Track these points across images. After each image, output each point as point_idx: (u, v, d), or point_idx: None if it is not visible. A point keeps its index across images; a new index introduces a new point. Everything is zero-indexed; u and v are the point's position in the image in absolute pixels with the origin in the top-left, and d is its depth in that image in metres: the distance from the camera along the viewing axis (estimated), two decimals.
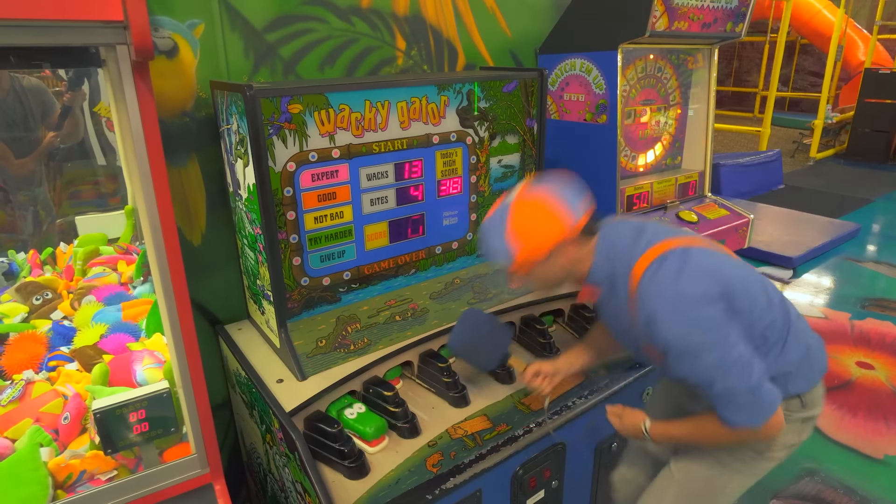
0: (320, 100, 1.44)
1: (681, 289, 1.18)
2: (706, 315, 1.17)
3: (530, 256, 1.25)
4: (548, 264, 1.27)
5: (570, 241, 1.26)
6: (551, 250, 1.25)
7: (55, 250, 1.86)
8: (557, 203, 1.25)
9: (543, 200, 1.26)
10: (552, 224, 1.24)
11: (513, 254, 1.25)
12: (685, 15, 2.11)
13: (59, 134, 1.95)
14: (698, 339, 1.17)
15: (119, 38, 0.87)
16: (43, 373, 1.38)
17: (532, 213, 1.25)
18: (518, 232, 1.25)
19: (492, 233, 1.29)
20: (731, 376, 1.17)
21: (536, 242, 1.24)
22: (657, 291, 1.19)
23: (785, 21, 6.96)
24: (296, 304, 1.56)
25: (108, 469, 1.16)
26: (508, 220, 1.26)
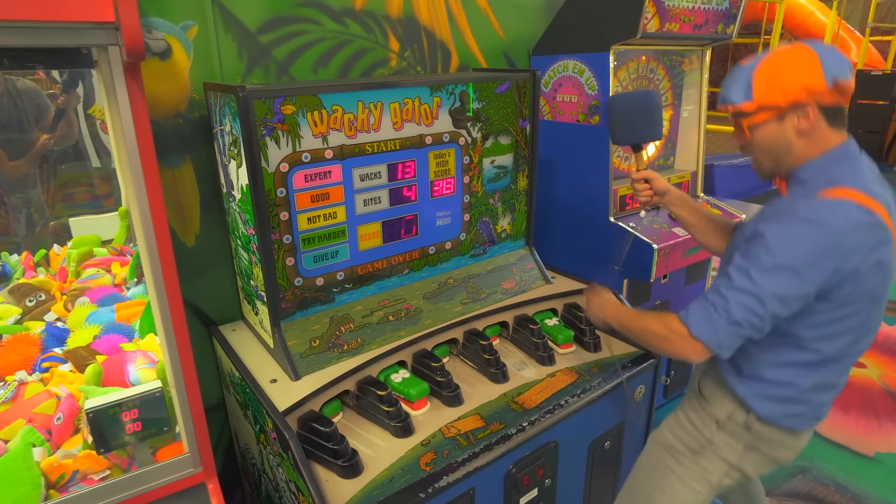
0: (313, 101, 1.45)
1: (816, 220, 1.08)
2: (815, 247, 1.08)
3: (770, 99, 1.14)
4: (783, 125, 1.15)
5: (815, 108, 1.12)
6: (794, 103, 1.12)
7: (49, 252, 1.86)
8: (824, 57, 1.11)
9: (808, 49, 1.13)
10: (809, 72, 1.11)
11: (751, 93, 1.15)
12: (676, 16, 2.13)
13: (54, 136, 1.95)
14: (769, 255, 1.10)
15: (110, 39, 0.87)
16: (36, 374, 1.38)
17: (793, 55, 1.13)
18: (770, 70, 1.14)
19: (740, 69, 1.20)
20: (740, 296, 1.13)
21: (783, 86, 1.12)
22: (814, 208, 1.10)
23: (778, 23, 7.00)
24: (289, 304, 1.56)
25: (100, 469, 1.16)
26: (767, 56, 1.16)
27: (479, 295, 1.88)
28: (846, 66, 1.12)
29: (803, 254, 1.10)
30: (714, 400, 1.38)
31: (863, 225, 1.10)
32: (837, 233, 1.09)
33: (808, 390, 1.25)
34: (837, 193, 1.12)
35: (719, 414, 1.36)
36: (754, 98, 1.15)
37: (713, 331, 1.18)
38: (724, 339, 1.17)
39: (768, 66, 1.15)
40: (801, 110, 1.13)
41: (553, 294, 1.97)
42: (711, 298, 1.19)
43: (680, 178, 2.63)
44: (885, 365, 3.29)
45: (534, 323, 1.84)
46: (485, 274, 1.94)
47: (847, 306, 1.16)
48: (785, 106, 1.14)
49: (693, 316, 1.21)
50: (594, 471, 1.79)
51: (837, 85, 1.12)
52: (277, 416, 1.34)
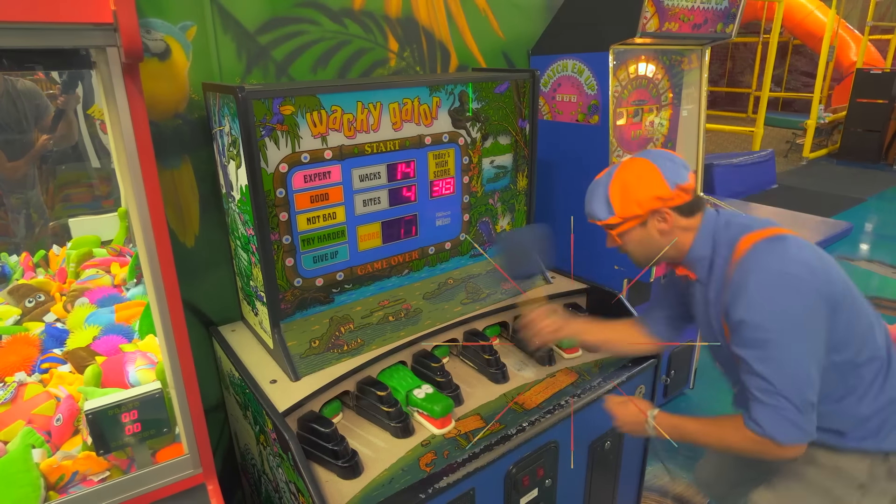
0: (312, 101, 1.45)
1: (788, 268, 1.14)
2: (800, 305, 1.12)
3: (629, 212, 1.28)
4: (647, 228, 1.30)
5: (670, 209, 1.27)
6: (651, 211, 1.27)
7: (48, 253, 1.86)
8: (663, 168, 1.26)
9: (650, 163, 1.28)
10: (655, 184, 1.26)
11: (612, 209, 1.30)
12: (676, 16, 2.13)
13: (53, 137, 1.95)
14: (779, 324, 1.12)
15: (109, 40, 0.87)
16: (35, 375, 1.38)
17: (637, 172, 1.28)
18: (621, 188, 1.29)
19: (596, 188, 1.35)
20: (789, 381, 1.12)
21: (637, 199, 1.27)
22: (762, 263, 1.16)
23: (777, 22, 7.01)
24: (289, 304, 1.56)
25: (100, 470, 1.16)
26: (613, 176, 1.31)
27: (479, 295, 1.88)
28: (683, 171, 1.28)
29: (789, 301, 1.13)
30: (845, 466, 1.27)
31: (798, 254, 1.18)
32: (789, 270, 1.15)
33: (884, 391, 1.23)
34: (752, 239, 1.21)
35: (861, 476, 1.26)
36: (616, 213, 1.31)
37: (794, 427, 1.14)
38: (805, 426, 1.14)
39: (618, 184, 1.30)
40: (658, 215, 1.29)
41: (553, 294, 1.97)
42: (766, 400, 1.15)
43: None
44: None
45: None
46: (484, 274, 1.94)
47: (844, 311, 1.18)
48: (644, 214, 1.29)
49: (769, 424, 1.15)
50: (594, 471, 1.79)
51: (680, 188, 1.27)
52: (277, 416, 1.34)
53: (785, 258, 1.16)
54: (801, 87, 13.31)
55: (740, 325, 1.17)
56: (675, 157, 1.30)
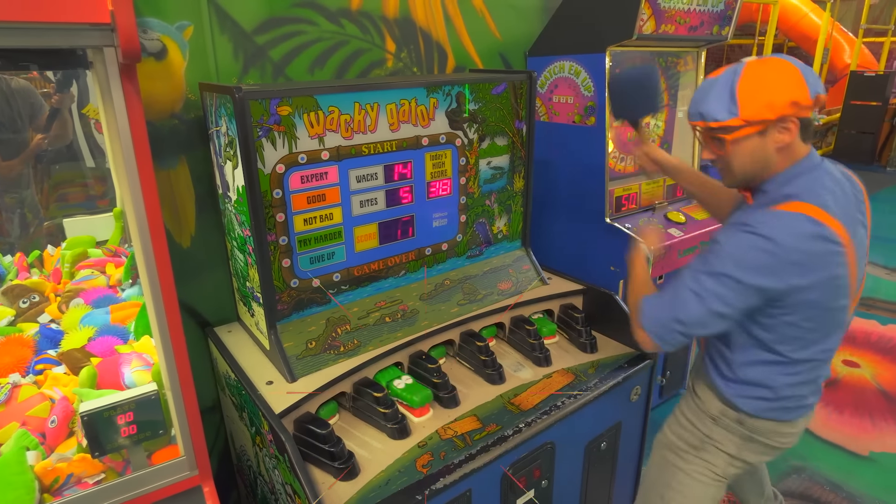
0: (309, 102, 1.44)
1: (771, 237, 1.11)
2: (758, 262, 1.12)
3: (757, 114, 1.11)
4: (765, 139, 1.14)
5: (796, 122, 1.13)
6: (781, 116, 1.11)
7: (42, 253, 1.85)
8: (805, 72, 1.12)
9: (789, 64, 1.13)
10: (796, 87, 1.10)
11: (736, 108, 1.12)
12: (672, 18, 2.14)
13: (48, 136, 1.93)
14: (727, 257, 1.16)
15: (106, 40, 0.87)
16: (30, 376, 1.37)
17: (777, 70, 1.12)
18: (754, 84, 1.12)
19: (716, 83, 1.16)
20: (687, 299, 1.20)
21: (770, 101, 1.11)
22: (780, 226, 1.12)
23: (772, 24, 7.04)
24: (285, 305, 1.56)
25: (95, 472, 1.15)
26: (743, 71, 1.14)
27: (476, 296, 1.88)
28: (821, 82, 1.15)
29: (748, 263, 1.15)
30: (706, 398, 1.43)
31: (812, 236, 1.12)
32: (783, 244, 1.12)
33: (784, 387, 1.29)
34: (790, 207, 1.16)
35: (713, 411, 1.42)
36: (740, 113, 1.13)
37: (659, 326, 1.27)
38: (666, 335, 1.26)
39: (753, 80, 1.13)
40: (783, 124, 1.13)
41: (549, 295, 1.97)
42: (667, 294, 1.27)
43: None
44: (878, 364, 3.31)
45: (530, 324, 1.84)
46: (481, 275, 1.94)
47: (797, 313, 1.19)
48: (772, 120, 1.13)
49: (648, 307, 1.30)
50: (591, 471, 1.79)
51: (818, 99, 1.13)
52: (273, 418, 1.34)
53: (801, 235, 1.11)
54: None
55: (711, 242, 1.22)
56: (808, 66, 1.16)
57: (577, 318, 1.91)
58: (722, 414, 1.39)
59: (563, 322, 1.96)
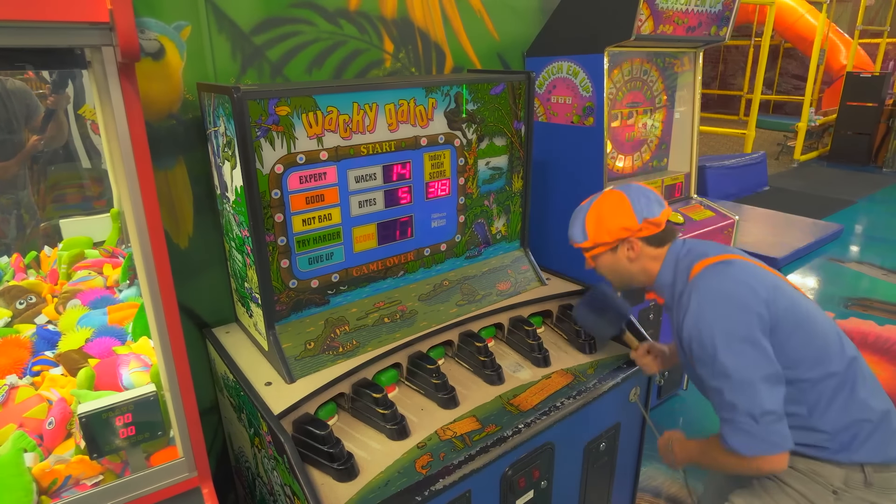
0: (308, 102, 1.44)
1: (729, 287, 1.24)
2: (738, 320, 1.20)
3: (600, 239, 1.43)
4: (616, 255, 1.44)
5: (638, 239, 1.41)
6: (620, 239, 1.41)
7: (39, 254, 1.84)
8: (635, 202, 1.40)
9: (623, 196, 1.42)
10: (624, 216, 1.40)
11: (587, 234, 1.45)
12: (670, 18, 2.14)
13: (44, 137, 1.93)
14: (721, 340, 1.19)
15: (105, 39, 0.86)
16: (27, 377, 1.36)
17: (611, 203, 1.43)
18: (596, 216, 1.44)
19: (578, 213, 1.50)
20: (739, 393, 1.17)
21: (607, 228, 1.42)
22: (706, 284, 1.27)
23: (769, 25, 7.07)
24: (284, 306, 1.55)
25: (93, 474, 1.15)
26: (591, 205, 1.47)
27: (475, 297, 1.88)
28: (656, 206, 1.41)
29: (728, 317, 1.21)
30: (822, 472, 1.28)
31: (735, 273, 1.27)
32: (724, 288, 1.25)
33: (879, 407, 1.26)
34: (701, 265, 1.31)
35: (837, 483, 1.27)
36: (589, 237, 1.46)
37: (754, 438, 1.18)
38: (768, 436, 1.17)
39: (594, 212, 1.45)
40: (627, 243, 1.42)
41: (548, 296, 1.97)
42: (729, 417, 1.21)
43: (673, 179, 2.64)
44: (876, 365, 3.32)
45: (529, 325, 1.84)
46: (480, 275, 1.94)
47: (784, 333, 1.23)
48: (613, 241, 1.43)
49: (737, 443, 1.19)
50: (590, 472, 1.79)
51: (648, 221, 1.40)
52: (272, 419, 1.34)
53: (727, 279, 1.26)
54: (792, 89, 13.43)
55: (689, 344, 1.26)
56: (651, 193, 1.43)
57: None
58: (845, 483, 1.25)
59: (561, 322, 1.96)
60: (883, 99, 8.47)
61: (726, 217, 2.65)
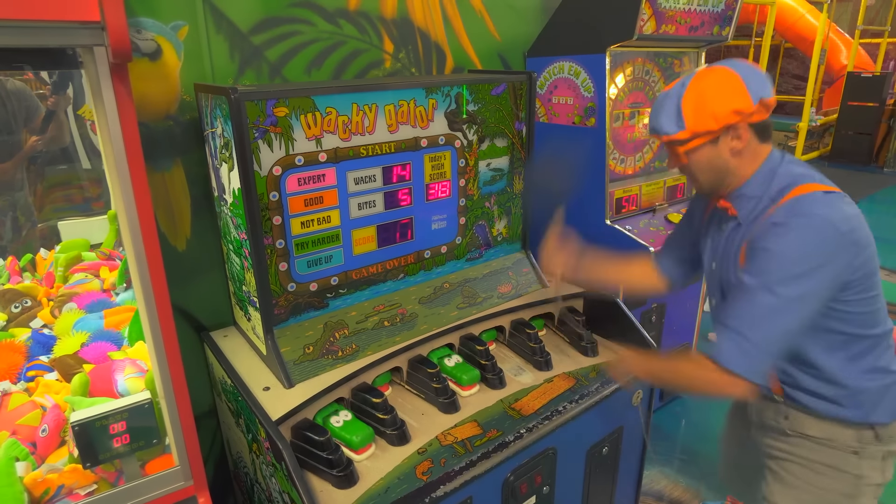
0: (306, 103, 1.42)
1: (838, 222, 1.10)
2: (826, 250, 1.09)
3: (703, 126, 1.16)
4: (718, 147, 1.19)
5: (746, 127, 1.17)
6: (727, 125, 1.16)
7: (35, 256, 1.82)
8: (747, 78, 1.15)
9: (730, 72, 1.16)
10: (736, 95, 1.14)
11: (683, 122, 1.17)
12: (672, 18, 2.12)
13: (43, 138, 1.91)
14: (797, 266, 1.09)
15: (96, 39, 0.84)
16: (21, 383, 1.34)
17: (717, 81, 1.16)
18: (696, 98, 1.16)
19: (666, 99, 1.21)
20: (767, 318, 1.11)
21: (713, 112, 1.15)
22: (816, 209, 1.11)
23: (769, 25, 7.05)
24: (282, 310, 1.53)
25: (87, 483, 1.12)
26: (688, 86, 1.18)
27: (475, 299, 1.86)
28: (768, 84, 1.17)
29: (817, 252, 1.10)
30: (836, 434, 1.29)
31: (851, 212, 1.14)
32: (838, 225, 1.11)
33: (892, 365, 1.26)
34: (811, 188, 1.16)
35: (852, 443, 1.28)
36: (687, 126, 1.18)
37: (750, 360, 1.14)
38: (760, 365, 1.15)
39: (695, 93, 1.17)
40: (733, 131, 1.18)
41: (550, 298, 1.95)
42: (735, 326, 1.16)
43: (675, 180, 2.62)
44: None
45: (530, 328, 1.82)
46: (481, 278, 1.92)
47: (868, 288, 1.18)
48: (718, 130, 1.17)
49: (725, 352, 1.17)
50: (592, 477, 1.77)
51: (763, 103, 1.16)
52: (270, 425, 1.31)
53: (834, 208, 1.12)
54: (793, 89, 13.40)
55: (761, 252, 1.13)
56: (758, 69, 1.19)
57: (578, 321, 1.89)
58: (860, 441, 1.26)
59: (563, 325, 1.94)
60: (884, 99, 8.46)
61: None
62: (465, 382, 1.60)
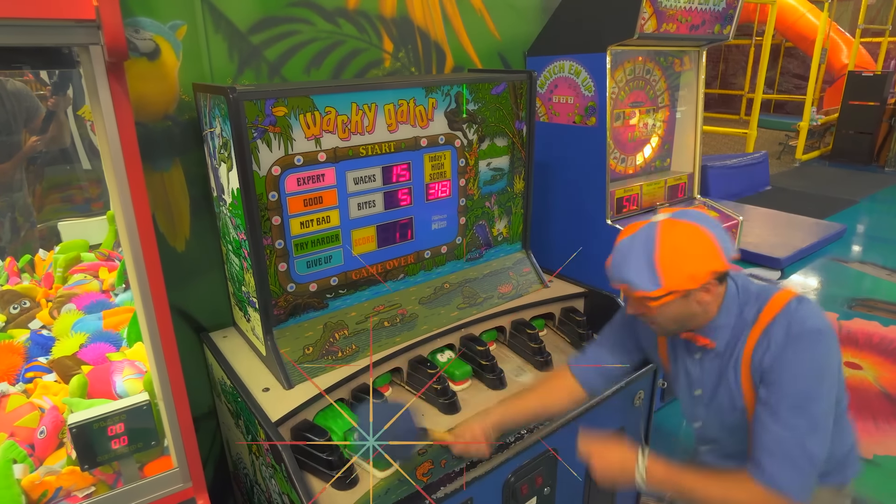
0: (305, 102, 1.41)
1: (822, 326, 1.13)
2: (835, 360, 1.14)
3: (681, 286, 1.13)
4: (689, 300, 1.16)
5: (715, 282, 1.16)
6: (703, 284, 1.14)
7: (34, 257, 1.81)
8: (718, 238, 1.15)
9: (700, 228, 1.15)
10: (711, 254, 1.13)
11: (659, 281, 1.13)
12: (673, 17, 2.11)
13: (43, 138, 1.90)
14: (818, 380, 1.11)
15: (92, 37, 0.83)
16: (19, 385, 1.34)
17: (690, 241, 1.14)
18: (673, 258, 1.13)
19: (633, 251, 1.16)
20: (811, 439, 1.10)
21: (692, 273, 1.12)
22: (800, 320, 1.14)
23: (770, 24, 7.03)
24: (282, 310, 1.52)
25: (85, 485, 1.12)
26: (660, 242, 1.14)
27: (476, 299, 1.85)
28: (731, 239, 1.19)
29: (826, 365, 1.13)
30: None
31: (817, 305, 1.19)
32: (825, 319, 1.16)
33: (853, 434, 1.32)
34: (787, 296, 1.19)
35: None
36: (663, 285, 1.13)
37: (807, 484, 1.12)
38: (809, 483, 1.13)
39: (669, 252, 1.13)
40: (705, 287, 1.16)
41: (550, 298, 1.94)
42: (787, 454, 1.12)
43: (676, 179, 2.61)
44: (880, 366, 3.29)
45: (531, 328, 1.81)
46: (481, 278, 1.91)
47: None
48: (696, 287, 1.15)
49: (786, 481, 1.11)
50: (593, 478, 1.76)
51: (730, 259, 1.17)
52: (270, 426, 1.31)
53: (817, 316, 1.16)
54: (793, 89, 13.40)
55: (780, 379, 1.13)
56: (717, 222, 1.20)
57: (579, 321, 1.88)
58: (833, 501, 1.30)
59: (563, 325, 1.93)
60: (885, 98, 8.44)
61: (731, 217, 2.62)
62: (457, 378, 1.64)
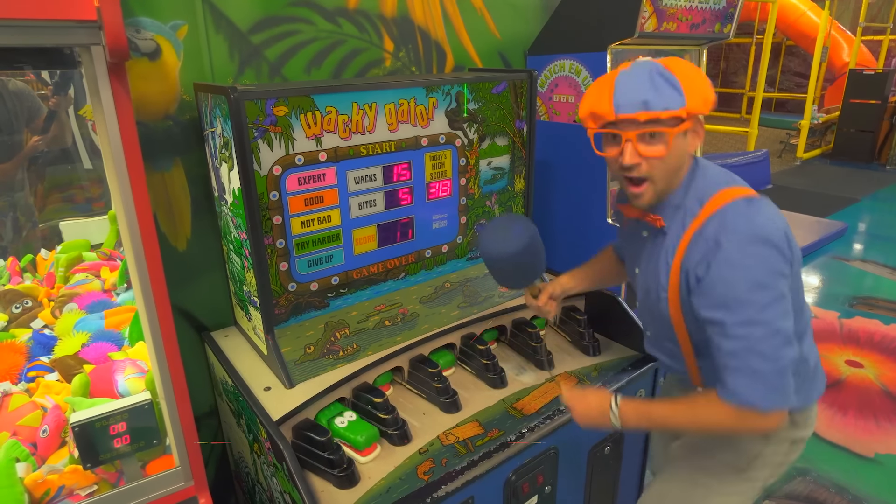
0: (306, 102, 1.41)
1: (767, 232, 1.05)
2: (776, 265, 1.04)
3: (697, 108, 1.03)
4: (687, 139, 1.08)
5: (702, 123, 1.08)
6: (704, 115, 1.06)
7: (36, 257, 1.82)
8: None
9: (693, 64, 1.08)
10: (709, 87, 1.05)
11: (684, 98, 1.02)
12: (674, 16, 2.11)
13: (44, 138, 1.91)
14: (756, 282, 1.03)
15: (93, 38, 0.84)
16: (21, 384, 1.34)
17: (693, 66, 1.06)
18: (691, 75, 1.04)
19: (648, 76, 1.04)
20: (767, 345, 1.04)
21: (705, 95, 1.04)
22: (742, 224, 1.06)
23: (771, 23, 7.02)
24: (283, 309, 1.53)
25: (87, 484, 1.12)
26: (666, 65, 1.05)
27: (477, 299, 1.85)
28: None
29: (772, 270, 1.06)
30: None
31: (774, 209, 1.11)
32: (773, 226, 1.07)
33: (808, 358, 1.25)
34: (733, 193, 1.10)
35: None
36: (687, 104, 1.03)
37: (773, 390, 1.06)
38: (785, 388, 1.07)
39: (686, 73, 1.05)
40: (700, 125, 1.08)
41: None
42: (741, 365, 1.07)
43: None
44: (882, 365, 3.29)
45: (532, 327, 1.81)
46: (482, 277, 1.91)
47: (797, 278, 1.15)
48: (701, 117, 1.07)
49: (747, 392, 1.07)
50: (594, 476, 1.76)
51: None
52: (271, 425, 1.31)
53: (763, 222, 1.07)
54: (794, 87, 13.38)
55: (715, 283, 1.06)
56: None
57: (580, 320, 1.88)
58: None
59: (564, 325, 1.94)
60: (886, 96, 8.43)
61: None
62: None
